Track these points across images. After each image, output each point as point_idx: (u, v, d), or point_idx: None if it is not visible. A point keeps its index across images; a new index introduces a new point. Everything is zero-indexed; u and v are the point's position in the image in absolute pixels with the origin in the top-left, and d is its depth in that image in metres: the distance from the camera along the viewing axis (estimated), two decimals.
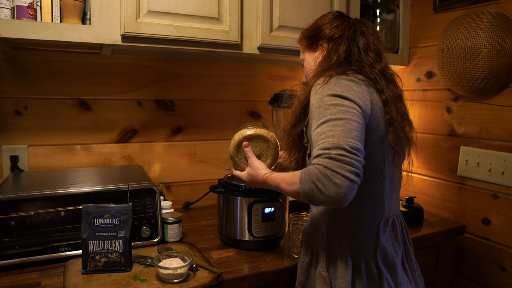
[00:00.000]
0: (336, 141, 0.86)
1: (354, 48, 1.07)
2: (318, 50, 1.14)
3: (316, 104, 0.95)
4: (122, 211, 1.15)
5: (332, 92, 0.94)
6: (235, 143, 1.19)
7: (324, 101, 0.94)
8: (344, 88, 0.95)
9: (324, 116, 0.91)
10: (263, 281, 1.18)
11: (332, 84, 0.96)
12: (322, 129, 0.90)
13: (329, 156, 0.85)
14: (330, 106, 0.92)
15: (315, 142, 0.91)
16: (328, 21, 1.14)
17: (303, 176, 0.89)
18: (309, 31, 1.17)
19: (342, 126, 0.88)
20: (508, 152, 1.56)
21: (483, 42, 1.54)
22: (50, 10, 1.22)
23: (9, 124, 1.48)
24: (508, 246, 1.57)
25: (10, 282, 1.07)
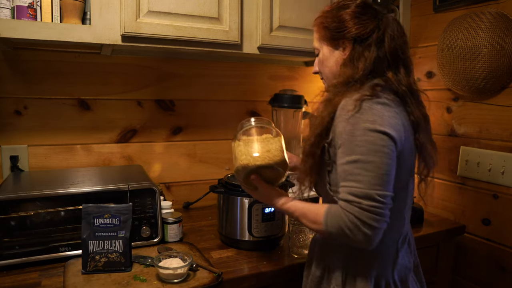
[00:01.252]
0: (366, 190, 0.85)
1: (382, 56, 0.97)
2: (339, 48, 1.03)
3: (346, 136, 0.89)
4: (122, 211, 1.15)
5: (365, 125, 0.87)
6: (243, 175, 1.04)
7: (356, 135, 0.87)
8: (377, 118, 0.88)
9: (354, 154, 0.87)
10: (263, 281, 1.18)
11: (365, 113, 0.88)
12: (351, 169, 0.87)
13: (360, 206, 0.85)
14: (362, 142, 0.87)
15: (342, 178, 0.89)
16: (354, 14, 1.00)
17: (330, 219, 0.89)
18: (330, 22, 1.03)
19: (373, 171, 0.85)
20: (508, 152, 1.56)
21: (483, 42, 1.54)
22: (50, 10, 1.22)
23: (9, 124, 1.48)
24: (508, 246, 1.57)
25: (10, 282, 1.07)
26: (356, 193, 0.86)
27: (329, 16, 1.04)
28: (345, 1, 1.05)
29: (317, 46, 1.09)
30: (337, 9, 1.04)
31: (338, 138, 0.91)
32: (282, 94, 1.76)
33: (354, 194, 0.86)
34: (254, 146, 1.03)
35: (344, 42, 1.01)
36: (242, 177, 1.05)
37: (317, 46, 1.09)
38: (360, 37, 0.99)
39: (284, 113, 1.80)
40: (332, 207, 0.91)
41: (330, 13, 1.05)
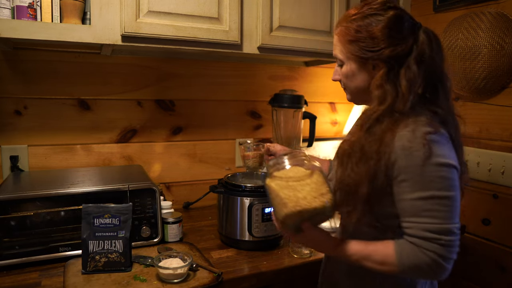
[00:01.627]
0: (445, 225, 0.83)
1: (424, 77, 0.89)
2: (369, 66, 0.93)
3: (416, 171, 0.83)
4: (122, 211, 1.15)
5: (437, 160, 0.83)
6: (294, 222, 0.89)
7: (429, 170, 0.83)
8: (446, 152, 0.84)
9: (427, 189, 0.83)
10: (263, 281, 1.18)
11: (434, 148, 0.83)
12: (425, 205, 0.84)
13: (440, 243, 0.83)
14: (436, 178, 0.83)
15: (411, 214, 0.85)
16: (388, 31, 0.89)
17: (407, 259, 0.85)
18: (358, 36, 0.92)
19: (449, 205, 0.83)
20: (508, 152, 1.56)
21: (483, 42, 1.54)
22: (50, 10, 1.22)
23: (9, 124, 1.48)
24: (508, 246, 1.57)
25: (10, 282, 1.07)
26: (434, 230, 0.83)
27: (356, 29, 0.92)
28: (374, 9, 0.93)
29: (340, 58, 0.98)
30: (365, 22, 0.92)
31: (401, 172, 0.85)
32: (282, 94, 1.76)
33: (432, 231, 0.83)
34: (305, 189, 0.87)
35: (376, 61, 0.92)
36: (292, 224, 0.90)
37: (341, 58, 0.98)
38: (396, 57, 0.89)
39: (284, 113, 1.80)
40: (402, 245, 0.86)
41: (357, 25, 0.92)
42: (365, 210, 0.89)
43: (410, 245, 0.85)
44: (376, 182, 0.87)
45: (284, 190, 0.88)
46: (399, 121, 0.87)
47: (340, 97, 2.16)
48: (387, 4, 0.93)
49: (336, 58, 1.00)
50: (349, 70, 0.97)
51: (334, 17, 1.63)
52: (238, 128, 1.90)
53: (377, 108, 0.89)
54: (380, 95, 0.90)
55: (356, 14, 0.94)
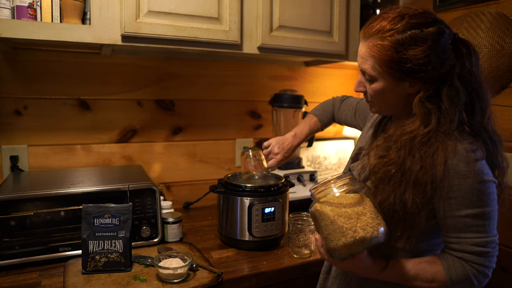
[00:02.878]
0: (491, 238, 0.89)
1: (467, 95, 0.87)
2: (405, 85, 0.89)
3: (465, 189, 0.84)
4: (122, 211, 1.15)
5: (480, 177, 0.84)
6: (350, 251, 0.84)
7: (476, 188, 0.84)
8: (486, 168, 0.87)
9: (476, 207, 0.85)
10: (263, 281, 1.18)
11: (479, 167, 0.84)
12: (473, 221, 0.86)
13: (487, 255, 0.89)
14: (482, 195, 0.85)
15: (458, 230, 0.87)
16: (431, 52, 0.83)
17: (455, 275, 0.87)
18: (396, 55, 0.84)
19: (491, 218, 0.89)
20: (508, 152, 1.56)
21: (483, 42, 1.54)
22: (50, 10, 1.22)
23: (9, 124, 1.48)
24: (508, 246, 1.57)
25: (10, 282, 1.07)
26: (481, 244, 0.88)
27: (396, 48, 0.84)
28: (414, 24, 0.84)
29: (373, 74, 0.90)
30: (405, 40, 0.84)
31: (449, 190, 0.84)
32: (282, 94, 1.76)
33: (480, 245, 0.88)
34: (362, 219, 0.83)
35: (415, 80, 0.87)
36: (347, 254, 0.84)
37: (374, 75, 0.90)
38: (439, 76, 0.85)
39: (284, 113, 1.80)
40: (450, 261, 0.88)
41: (397, 43, 0.84)
42: (415, 237, 0.90)
43: (458, 260, 0.88)
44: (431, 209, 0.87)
45: (341, 218, 0.83)
46: (445, 140, 0.84)
47: None
48: (427, 18, 0.86)
49: (364, 72, 0.92)
50: (382, 87, 0.90)
51: (334, 17, 1.63)
52: (238, 128, 1.90)
53: (423, 131, 0.85)
54: (423, 115, 0.86)
55: (393, 30, 0.85)
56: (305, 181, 1.75)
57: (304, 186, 1.73)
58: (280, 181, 1.37)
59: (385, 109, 0.97)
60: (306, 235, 1.27)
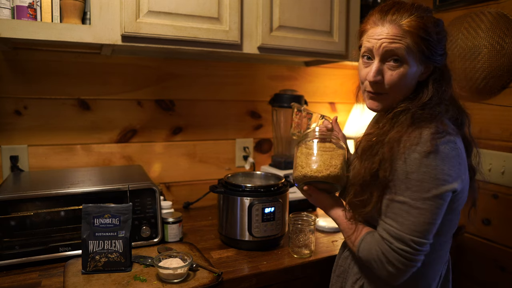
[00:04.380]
0: (402, 234, 0.85)
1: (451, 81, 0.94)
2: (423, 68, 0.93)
3: (404, 176, 0.85)
4: (122, 211, 1.15)
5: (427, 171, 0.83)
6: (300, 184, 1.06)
7: (412, 177, 0.84)
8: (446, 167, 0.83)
9: (401, 194, 0.85)
10: (263, 281, 1.18)
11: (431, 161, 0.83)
12: (394, 208, 0.86)
13: (390, 246, 0.86)
14: (415, 187, 0.83)
15: (384, 210, 0.88)
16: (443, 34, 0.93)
17: (363, 247, 0.92)
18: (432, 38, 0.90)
19: (416, 217, 0.84)
20: (508, 152, 1.56)
21: (483, 42, 1.54)
22: (50, 10, 1.22)
23: (9, 124, 1.48)
24: (508, 246, 1.57)
25: (10, 282, 1.07)
26: (391, 233, 0.87)
27: (427, 23, 0.89)
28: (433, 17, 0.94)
29: (403, 54, 0.89)
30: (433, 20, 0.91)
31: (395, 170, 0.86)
32: (282, 94, 1.76)
33: (389, 233, 0.87)
34: (313, 159, 1.02)
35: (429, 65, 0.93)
36: (299, 185, 1.07)
37: (403, 54, 0.89)
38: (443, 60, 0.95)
39: (284, 113, 1.80)
40: (368, 237, 0.92)
41: (433, 21, 0.91)
42: (381, 196, 0.90)
43: (372, 238, 0.91)
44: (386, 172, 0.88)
45: (302, 157, 1.04)
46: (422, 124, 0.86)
47: (340, 97, 2.16)
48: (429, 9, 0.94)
49: (392, 53, 0.90)
50: (407, 71, 0.90)
51: (334, 17, 1.63)
52: (238, 128, 1.90)
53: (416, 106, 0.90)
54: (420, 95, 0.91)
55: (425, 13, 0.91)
56: None
57: None
58: (280, 181, 1.37)
59: (395, 101, 0.95)
60: (306, 235, 1.27)
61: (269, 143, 1.98)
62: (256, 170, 1.87)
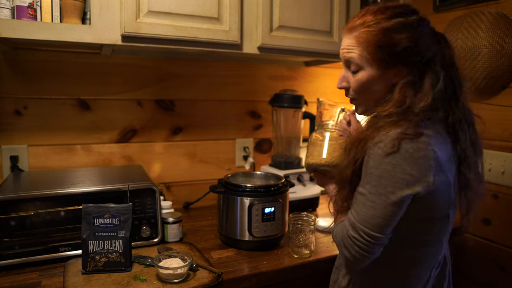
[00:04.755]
0: (356, 222, 0.89)
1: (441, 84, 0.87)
2: (390, 74, 0.91)
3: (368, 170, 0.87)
4: (122, 211, 1.15)
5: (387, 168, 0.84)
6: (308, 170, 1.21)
7: (373, 173, 0.86)
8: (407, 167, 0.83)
9: (363, 186, 0.88)
10: (263, 281, 1.18)
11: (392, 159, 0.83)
12: (356, 198, 0.90)
13: (347, 232, 0.91)
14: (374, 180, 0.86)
15: (353, 201, 0.92)
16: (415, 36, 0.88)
17: (335, 232, 0.98)
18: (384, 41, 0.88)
19: (369, 209, 0.87)
20: (508, 152, 1.56)
21: (483, 42, 1.54)
22: (50, 10, 1.22)
23: (9, 124, 1.48)
24: (508, 246, 1.57)
25: (10, 282, 1.07)
26: (349, 220, 0.91)
27: (384, 33, 0.88)
28: (398, 13, 0.90)
29: (358, 62, 0.92)
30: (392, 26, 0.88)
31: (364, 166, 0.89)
32: (282, 94, 1.76)
33: (348, 221, 0.91)
34: (320, 149, 1.16)
35: (400, 68, 0.90)
36: (309, 170, 1.20)
37: (359, 63, 0.92)
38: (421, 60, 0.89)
39: (284, 113, 1.80)
40: (340, 224, 0.96)
41: (385, 28, 0.89)
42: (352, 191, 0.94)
43: (341, 224, 0.95)
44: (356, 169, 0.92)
45: (311, 146, 1.19)
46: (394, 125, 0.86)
47: (340, 97, 2.15)
48: (408, 8, 0.92)
49: (349, 62, 0.94)
50: (368, 76, 0.92)
51: (334, 17, 1.63)
52: (238, 128, 1.90)
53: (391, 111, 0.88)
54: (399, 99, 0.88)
55: (378, 19, 0.90)
56: (305, 181, 1.75)
57: (304, 186, 1.73)
58: (280, 181, 1.37)
59: (368, 105, 0.98)
60: (306, 235, 1.27)
61: (269, 143, 1.98)
62: (256, 170, 1.87)
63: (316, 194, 1.75)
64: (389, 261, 0.94)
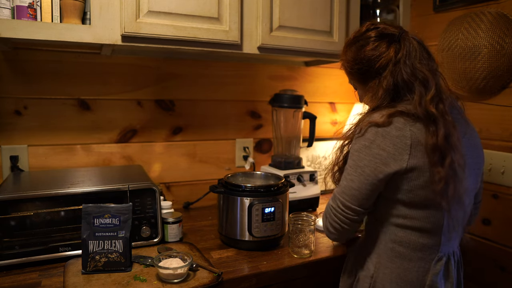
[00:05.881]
0: (335, 193, 1.05)
1: (400, 80, 1.01)
2: (370, 83, 1.08)
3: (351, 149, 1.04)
4: (122, 211, 1.15)
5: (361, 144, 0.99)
6: None
7: (354, 148, 1.02)
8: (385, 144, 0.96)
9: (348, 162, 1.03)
10: (263, 281, 1.18)
11: (367, 137, 0.98)
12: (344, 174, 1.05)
13: (329, 203, 1.08)
14: (353, 155, 1.01)
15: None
16: (373, 49, 1.05)
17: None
18: (352, 65, 1.10)
19: (348, 181, 1.01)
20: (508, 152, 1.56)
21: (483, 42, 1.54)
22: (50, 10, 1.22)
23: (9, 124, 1.48)
24: (508, 246, 1.57)
25: (10, 282, 1.07)
26: (333, 193, 1.07)
27: (347, 59, 1.11)
28: (358, 36, 1.10)
29: (352, 84, 1.18)
30: (354, 50, 1.09)
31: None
32: (282, 94, 1.76)
33: (333, 193, 1.07)
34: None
35: (371, 81, 1.07)
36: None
37: (352, 84, 1.18)
38: (380, 69, 1.04)
39: (284, 113, 1.80)
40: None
41: (349, 55, 1.11)
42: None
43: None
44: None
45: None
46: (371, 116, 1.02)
47: (340, 97, 2.16)
48: (367, 28, 1.09)
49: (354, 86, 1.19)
50: (361, 92, 1.15)
51: (334, 17, 1.63)
52: (238, 128, 1.90)
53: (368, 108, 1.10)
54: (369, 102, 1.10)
55: (346, 46, 1.13)
56: (305, 181, 1.75)
57: (304, 186, 1.73)
58: (280, 181, 1.37)
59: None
60: (306, 235, 1.27)
61: (269, 143, 1.98)
62: (256, 170, 1.87)
63: (316, 194, 1.75)
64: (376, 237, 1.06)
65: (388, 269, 1.02)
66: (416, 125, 0.95)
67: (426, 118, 0.95)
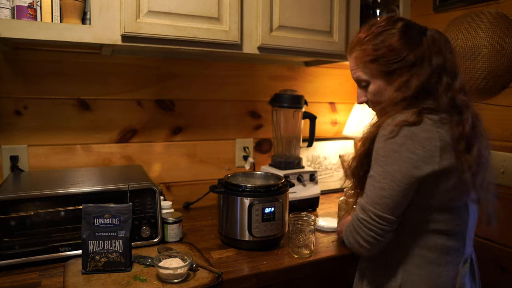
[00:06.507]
0: (365, 204, 0.95)
1: (432, 73, 0.97)
2: (395, 79, 1.00)
3: (375, 153, 0.96)
4: (122, 211, 1.15)
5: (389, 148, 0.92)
6: None
7: (379, 153, 0.94)
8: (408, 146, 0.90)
9: (372, 170, 0.95)
10: (263, 281, 1.18)
11: (398, 139, 0.91)
12: (367, 183, 0.97)
13: (357, 216, 0.97)
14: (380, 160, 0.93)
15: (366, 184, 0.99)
16: (402, 36, 0.99)
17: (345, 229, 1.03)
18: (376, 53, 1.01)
19: (378, 189, 0.93)
20: (508, 152, 1.56)
21: (483, 42, 1.54)
22: (50, 10, 1.22)
23: (9, 124, 1.48)
24: (508, 246, 1.57)
25: (10, 282, 1.07)
26: (360, 204, 0.97)
27: (374, 48, 1.01)
28: (383, 26, 1.02)
29: (365, 78, 1.06)
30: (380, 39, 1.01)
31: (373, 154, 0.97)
32: (282, 94, 1.76)
33: (359, 205, 0.97)
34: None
35: (402, 70, 0.99)
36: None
37: (366, 78, 1.06)
38: (414, 62, 0.98)
39: (284, 113, 1.80)
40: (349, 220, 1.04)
41: (374, 43, 1.01)
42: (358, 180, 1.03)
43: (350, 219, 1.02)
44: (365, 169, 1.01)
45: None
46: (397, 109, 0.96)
47: (340, 97, 2.16)
48: (392, 19, 1.03)
49: (359, 80, 1.08)
50: (377, 87, 1.04)
51: (334, 17, 1.63)
52: (238, 128, 1.90)
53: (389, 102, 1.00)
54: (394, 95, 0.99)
55: (368, 35, 1.03)
56: (305, 181, 1.75)
57: (304, 186, 1.73)
58: (280, 181, 1.37)
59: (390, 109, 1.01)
60: (306, 235, 1.27)
61: (269, 143, 1.98)
62: (256, 170, 1.87)
63: (316, 194, 1.75)
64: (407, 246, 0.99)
65: (416, 276, 0.98)
66: (444, 127, 0.93)
67: (452, 108, 0.95)
